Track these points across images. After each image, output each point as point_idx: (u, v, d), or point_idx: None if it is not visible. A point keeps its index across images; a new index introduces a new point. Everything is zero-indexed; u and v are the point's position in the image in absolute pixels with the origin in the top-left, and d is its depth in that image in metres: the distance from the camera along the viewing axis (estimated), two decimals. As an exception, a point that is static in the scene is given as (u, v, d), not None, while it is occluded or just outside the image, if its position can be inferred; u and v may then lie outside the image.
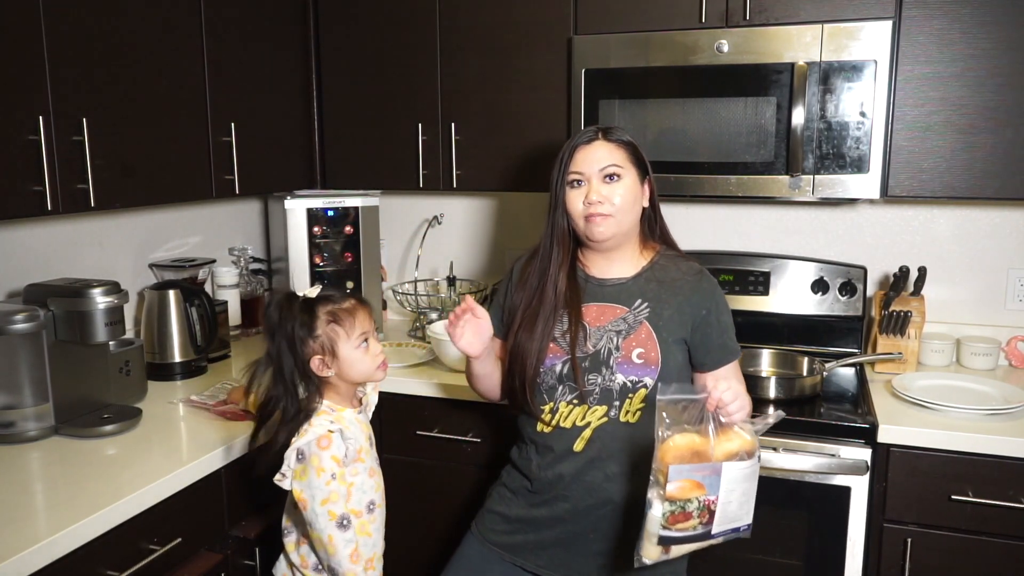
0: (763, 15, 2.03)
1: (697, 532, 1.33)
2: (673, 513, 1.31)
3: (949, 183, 1.98)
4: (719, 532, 1.35)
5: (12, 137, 1.57)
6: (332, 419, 1.52)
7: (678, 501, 1.30)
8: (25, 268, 1.98)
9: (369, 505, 1.56)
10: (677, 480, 1.29)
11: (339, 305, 1.55)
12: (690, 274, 1.65)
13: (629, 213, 1.60)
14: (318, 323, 1.52)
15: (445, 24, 2.33)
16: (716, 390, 1.33)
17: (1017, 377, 2.16)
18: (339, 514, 1.48)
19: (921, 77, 1.96)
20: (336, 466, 1.48)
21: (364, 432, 1.59)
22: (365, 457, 1.56)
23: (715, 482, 1.31)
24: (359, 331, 1.54)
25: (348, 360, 1.54)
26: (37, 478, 1.58)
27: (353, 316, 1.54)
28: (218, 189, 2.13)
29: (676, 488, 1.30)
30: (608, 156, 1.59)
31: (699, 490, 1.31)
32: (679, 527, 1.32)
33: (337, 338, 1.52)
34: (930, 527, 1.81)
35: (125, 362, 1.97)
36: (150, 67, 1.89)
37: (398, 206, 2.84)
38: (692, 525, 1.32)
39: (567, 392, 1.61)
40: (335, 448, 1.48)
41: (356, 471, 1.53)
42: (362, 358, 1.55)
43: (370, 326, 1.57)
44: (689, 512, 1.31)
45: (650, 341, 1.58)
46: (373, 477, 1.58)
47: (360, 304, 1.58)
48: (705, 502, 1.32)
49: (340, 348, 1.53)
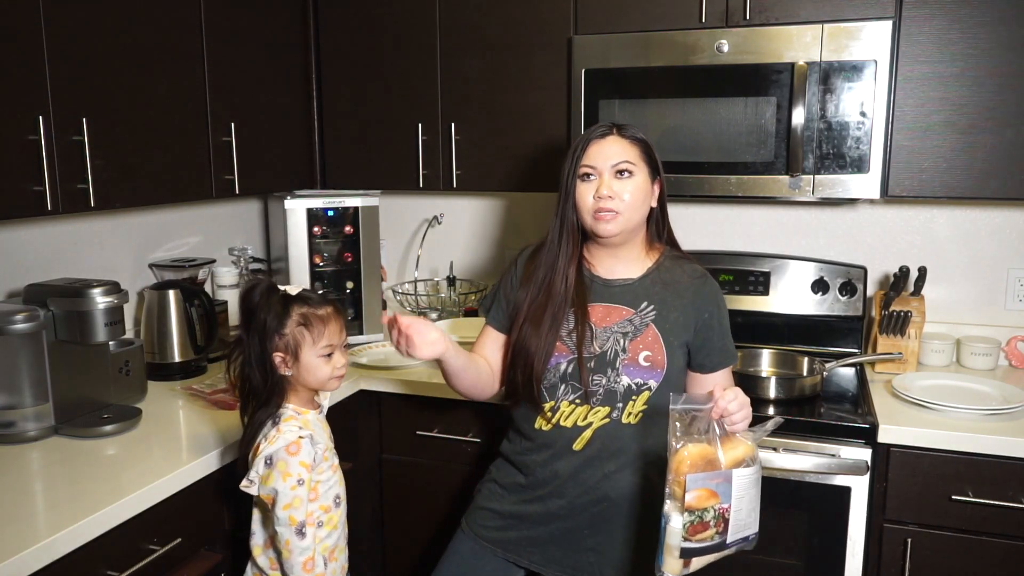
0: (763, 15, 2.03)
1: (714, 542, 1.34)
2: (692, 523, 1.32)
3: (949, 183, 1.98)
4: (733, 541, 1.37)
5: (12, 137, 1.57)
6: (300, 424, 1.52)
7: (696, 511, 1.31)
8: (25, 268, 1.98)
9: (336, 499, 1.59)
10: (695, 489, 1.30)
11: (314, 309, 1.53)
12: (694, 277, 1.65)
13: (637, 211, 1.60)
14: (289, 322, 1.51)
15: (445, 24, 2.33)
16: (723, 399, 1.34)
17: (1017, 377, 2.16)
18: (299, 521, 1.47)
19: (921, 77, 1.96)
20: (305, 471, 1.48)
21: (326, 432, 1.61)
22: (330, 455, 1.59)
23: (727, 490, 1.33)
24: (326, 341, 1.52)
25: (307, 366, 1.53)
26: (37, 478, 1.57)
27: (324, 324, 1.52)
28: (218, 189, 2.13)
29: (694, 497, 1.31)
30: (621, 152, 1.59)
31: (714, 499, 1.32)
32: (698, 538, 1.33)
33: (302, 342, 1.51)
34: (930, 527, 1.81)
35: (125, 362, 1.97)
36: (150, 67, 1.89)
37: (398, 206, 2.84)
38: (710, 535, 1.34)
39: (569, 391, 1.60)
40: (304, 454, 1.48)
41: (322, 470, 1.55)
42: (321, 367, 1.53)
43: (339, 339, 1.56)
44: (707, 522, 1.33)
45: (656, 344, 1.58)
46: (336, 473, 1.61)
47: (336, 314, 1.56)
48: (720, 510, 1.33)
49: (303, 352, 1.52)
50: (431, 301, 2.66)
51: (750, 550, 1.41)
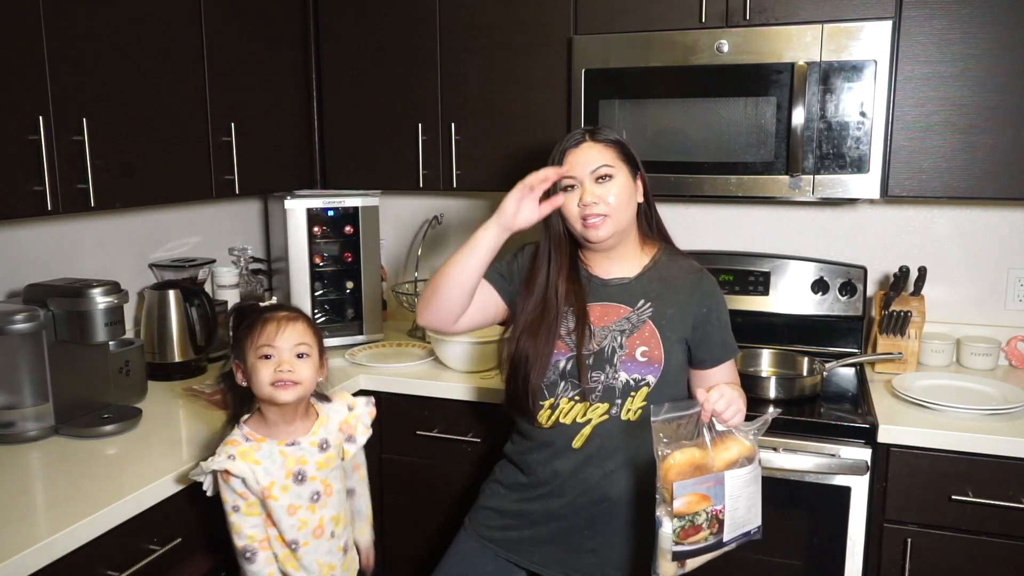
0: (763, 15, 2.03)
1: (709, 543, 1.35)
2: (683, 528, 1.33)
3: (949, 183, 1.98)
4: (731, 539, 1.37)
5: (12, 137, 1.57)
6: (237, 452, 1.46)
7: (686, 516, 1.33)
8: (25, 268, 1.98)
9: (291, 544, 1.49)
10: (682, 496, 1.32)
11: (263, 314, 1.49)
12: (691, 273, 1.66)
13: (625, 211, 1.60)
14: (242, 328, 1.49)
15: (445, 24, 2.33)
16: (708, 401, 1.34)
17: (1017, 377, 2.16)
18: (240, 546, 1.46)
19: (921, 77, 1.96)
20: (240, 499, 1.45)
21: (287, 468, 1.48)
22: (279, 494, 1.46)
23: (720, 492, 1.33)
24: (261, 341, 1.46)
25: (250, 369, 1.48)
26: (37, 478, 1.58)
27: (264, 324, 1.47)
28: (218, 189, 2.13)
29: (682, 504, 1.32)
30: (599, 157, 1.59)
31: (705, 502, 1.33)
32: (691, 540, 1.34)
33: (246, 343, 1.48)
34: (930, 527, 1.81)
35: (125, 362, 1.97)
36: (150, 67, 1.89)
37: (398, 206, 2.84)
38: (703, 537, 1.35)
39: (569, 388, 1.61)
40: (235, 483, 1.45)
41: (271, 508, 1.46)
42: (259, 370, 1.46)
43: (282, 342, 1.46)
44: (699, 525, 1.34)
45: (653, 339, 1.59)
46: (294, 515, 1.48)
47: (286, 319, 1.48)
48: (713, 512, 1.34)
49: (247, 357, 1.48)
50: (431, 301, 2.65)
51: (759, 539, 1.41)
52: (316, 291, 2.45)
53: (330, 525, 1.54)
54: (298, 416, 1.54)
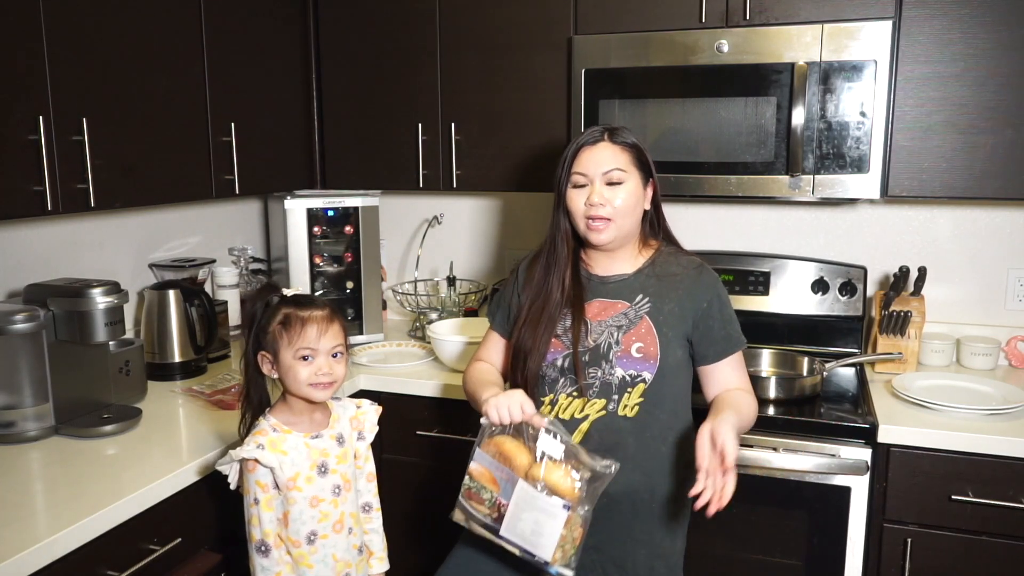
0: (763, 15, 2.03)
1: (488, 523, 1.47)
2: (469, 489, 1.49)
3: (949, 183, 1.98)
4: (510, 539, 1.45)
5: (12, 137, 1.57)
6: (266, 441, 1.47)
7: (476, 481, 1.48)
8: (25, 268, 1.98)
9: (309, 536, 1.49)
10: (478, 464, 1.48)
11: (297, 310, 1.49)
12: (690, 268, 1.66)
13: (629, 216, 1.61)
14: (273, 320, 1.49)
15: (445, 24, 2.33)
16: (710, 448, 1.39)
17: (1017, 377, 2.16)
18: (257, 539, 1.46)
19: (921, 77, 1.96)
20: (261, 491, 1.45)
21: (312, 460, 1.51)
22: (304, 486, 1.48)
23: (508, 489, 1.44)
24: (301, 344, 1.46)
25: (285, 367, 1.48)
26: (37, 478, 1.58)
27: (303, 325, 1.47)
28: (218, 189, 2.13)
29: (475, 468, 1.49)
30: (612, 159, 1.59)
31: (494, 486, 1.46)
32: (473, 504, 1.49)
33: (279, 341, 1.48)
34: (930, 527, 1.81)
35: (125, 362, 1.97)
36: (150, 67, 1.89)
37: (398, 206, 2.84)
38: (484, 511, 1.48)
39: (568, 384, 1.62)
40: (260, 474, 1.45)
41: (293, 500, 1.47)
42: (297, 370, 1.47)
43: (321, 344, 1.48)
44: (483, 498, 1.48)
45: (649, 336, 1.59)
46: (316, 507, 1.50)
47: (325, 319, 1.49)
48: (497, 501, 1.46)
49: (281, 353, 1.48)
50: (431, 301, 2.66)
51: (551, 573, 1.44)
52: (316, 291, 2.45)
53: (349, 521, 1.56)
54: (318, 409, 1.57)
